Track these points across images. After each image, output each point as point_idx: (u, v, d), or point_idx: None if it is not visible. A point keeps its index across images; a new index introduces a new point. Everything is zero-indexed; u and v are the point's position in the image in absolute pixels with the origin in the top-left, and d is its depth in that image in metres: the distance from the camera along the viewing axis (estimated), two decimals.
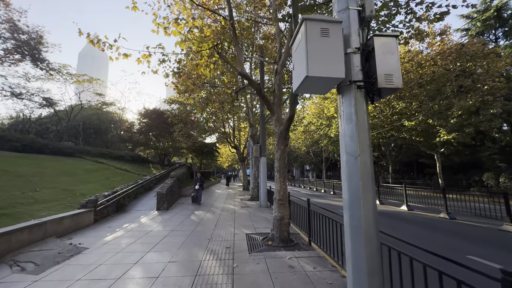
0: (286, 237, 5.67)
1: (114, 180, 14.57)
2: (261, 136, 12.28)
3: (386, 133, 22.80)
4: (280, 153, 5.92)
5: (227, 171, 74.03)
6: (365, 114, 2.53)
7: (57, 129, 38.68)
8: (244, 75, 5.67)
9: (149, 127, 26.12)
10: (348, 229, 2.47)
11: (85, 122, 37.44)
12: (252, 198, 14.54)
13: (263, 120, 12.35)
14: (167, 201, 11.21)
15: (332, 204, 13.00)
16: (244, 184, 23.54)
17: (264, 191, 11.98)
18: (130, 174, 18.03)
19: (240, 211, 10.69)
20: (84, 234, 6.55)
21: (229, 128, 25.34)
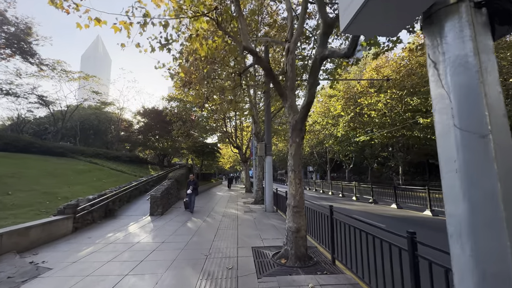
0: (304, 254, 4.48)
1: (107, 182, 13.46)
2: (266, 133, 11.10)
3: (396, 132, 21.54)
4: (295, 148, 4.74)
5: (229, 172, 72.85)
6: (492, 56, 1.35)
7: (55, 129, 37.89)
8: (250, 50, 4.54)
9: (148, 127, 25.05)
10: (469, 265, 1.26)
11: (83, 122, 36.54)
12: (256, 201, 13.35)
13: (268, 116, 11.19)
14: (162, 205, 10.05)
15: (347, 209, 11.76)
16: (247, 186, 22.35)
17: (269, 194, 10.79)
18: (126, 175, 16.92)
19: (243, 216, 9.50)
20: (55, 247, 5.40)
21: (231, 127, 24.21)
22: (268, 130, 11.15)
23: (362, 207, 12.43)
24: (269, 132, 11.18)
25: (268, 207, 10.70)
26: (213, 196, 18.45)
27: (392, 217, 9.68)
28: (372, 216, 9.83)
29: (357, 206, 12.79)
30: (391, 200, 13.25)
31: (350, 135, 27.12)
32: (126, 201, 11.62)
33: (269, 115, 11.26)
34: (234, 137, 22.77)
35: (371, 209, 11.95)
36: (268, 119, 11.17)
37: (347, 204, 13.72)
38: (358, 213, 10.45)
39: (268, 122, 11.19)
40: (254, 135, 13.11)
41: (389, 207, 12.44)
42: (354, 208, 11.93)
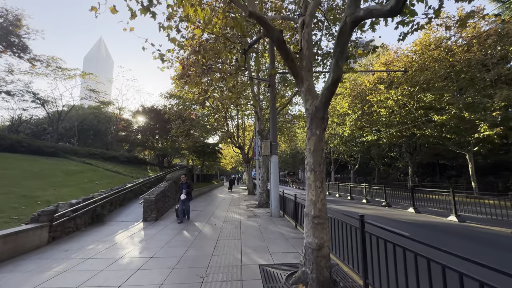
0: (327, 278, 3.47)
1: (99, 183, 12.52)
2: (272, 130, 10.11)
3: (406, 131, 20.48)
4: (314, 142, 3.75)
5: (231, 173, 71.85)
6: None
7: (54, 129, 37.19)
8: (257, 17, 3.57)
9: (147, 126, 24.14)
10: None
11: (82, 122, 35.79)
12: (260, 204, 12.34)
13: (273, 111, 10.20)
14: (157, 209, 9.07)
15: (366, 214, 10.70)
16: (249, 187, 21.33)
17: (275, 197, 9.78)
18: (121, 176, 15.99)
19: (247, 222, 8.49)
20: (18, 266, 4.42)
21: (233, 127, 23.25)
22: (273, 127, 10.16)
23: (376, 211, 11.38)
24: (274, 129, 10.19)
25: (274, 212, 9.70)
26: (214, 198, 17.46)
27: (413, 224, 8.63)
28: (390, 222, 8.78)
29: (370, 210, 11.74)
30: (407, 203, 12.18)
31: (356, 135, 26.06)
32: (119, 205, 10.65)
33: (274, 110, 10.27)
34: (236, 136, 21.80)
35: (386, 213, 10.89)
36: (273, 115, 10.18)
37: (359, 208, 12.67)
38: (374, 218, 9.41)
39: (274, 118, 10.19)
40: (258, 133, 12.12)
41: (406, 211, 11.38)
42: (368, 213, 10.88)
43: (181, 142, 24.85)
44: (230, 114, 22.30)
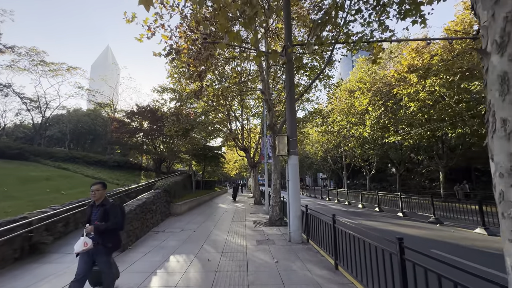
0: None
1: (67, 194, 9.89)
2: (289, 121, 7.35)
3: (439, 130, 17.46)
4: None
5: (235, 179, 68.97)
6: None
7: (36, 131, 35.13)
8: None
9: (142, 127, 21.65)
10: None
11: (77, 125, 33.72)
12: (272, 221, 9.47)
13: (292, 95, 7.44)
14: (127, 233, 6.31)
15: (414, 237, 7.76)
16: (256, 196, 18.48)
17: (296, 214, 6.93)
18: None
19: (256, 256, 5.65)
20: None
21: (237, 128, 20.55)
22: (292, 117, 7.39)
23: (428, 232, 8.37)
24: (293, 120, 7.42)
25: (295, 236, 6.83)
26: (214, 210, 14.64)
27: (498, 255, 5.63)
28: (472, 253, 5.80)
29: (417, 230, 8.74)
30: (470, 220, 9.17)
31: (375, 136, 23.06)
32: (82, 225, 7.93)
33: (292, 95, 7.51)
34: (240, 137, 19.11)
35: (448, 236, 7.87)
36: (291, 102, 7.43)
37: (399, 226, 9.66)
38: (437, 244, 6.45)
39: (292, 106, 7.43)
40: (268, 127, 9.34)
41: (470, 232, 8.36)
42: (418, 233, 7.90)
43: (180, 145, 22.29)
44: (234, 114, 19.69)
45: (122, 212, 3.61)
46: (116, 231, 3.49)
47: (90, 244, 3.14)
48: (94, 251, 3.23)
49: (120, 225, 3.51)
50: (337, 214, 12.11)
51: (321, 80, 10.35)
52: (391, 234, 8.00)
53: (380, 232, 8.16)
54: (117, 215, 3.40)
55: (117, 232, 3.53)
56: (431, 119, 17.55)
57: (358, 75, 21.29)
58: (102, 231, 3.24)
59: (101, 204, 3.38)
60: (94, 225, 3.22)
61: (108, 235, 3.32)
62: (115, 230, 3.45)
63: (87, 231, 3.17)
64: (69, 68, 20.77)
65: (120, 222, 3.48)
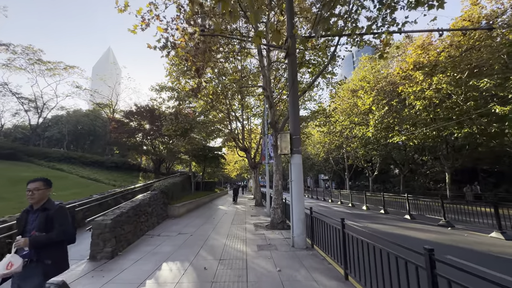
0: None
1: (60, 195, 9.46)
2: (292, 118, 6.89)
3: (445, 129, 16.95)
4: None
5: (236, 180, 68.47)
6: None
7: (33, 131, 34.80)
8: None
9: (140, 127, 21.24)
10: None
11: (76, 126, 33.40)
12: (273, 224, 8.99)
13: (295, 90, 6.99)
14: (117, 238, 5.84)
15: (425, 241, 7.26)
16: (257, 198, 17.99)
17: (300, 217, 6.45)
18: (99, 185, 12.97)
19: (257, 264, 5.18)
20: None
21: (238, 128, 20.12)
22: (295, 114, 6.94)
23: (444, 236, 7.86)
24: (296, 117, 6.96)
25: (298, 241, 6.35)
26: (213, 212, 14.16)
27: None
28: (488, 259, 5.30)
29: (427, 233, 8.23)
30: (483, 223, 8.65)
31: (379, 136, 22.56)
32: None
33: (296, 90, 7.05)
34: (241, 137, 18.67)
35: (461, 240, 7.37)
36: (294, 98, 6.97)
37: (407, 229, 9.14)
38: (448, 248, 5.94)
39: (295, 102, 6.97)
40: (270, 125, 8.88)
41: (485, 236, 7.84)
42: (429, 237, 7.38)
43: (179, 146, 21.88)
44: (234, 114, 19.24)
45: (72, 219, 2.63)
46: (63, 244, 2.52)
47: (18, 265, 2.15)
48: (23, 273, 2.23)
49: (69, 235, 2.50)
50: (340, 216, 11.59)
51: (324, 77, 9.91)
52: (401, 239, 7.51)
53: (389, 236, 7.66)
54: (65, 222, 2.46)
55: (64, 247, 2.54)
56: (437, 118, 17.05)
57: (362, 73, 20.83)
58: (43, 244, 2.32)
59: (41, 209, 2.46)
60: (29, 237, 2.30)
61: (50, 249, 2.39)
62: (62, 243, 2.49)
63: (18, 245, 2.25)
64: (67, 67, 20.41)
65: (70, 232, 2.49)
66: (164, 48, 7.45)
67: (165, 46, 7.41)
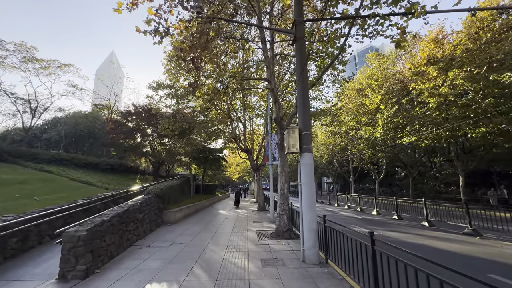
0: None
1: (43, 200, 8.57)
2: (302, 110, 5.96)
3: (461, 128, 15.94)
4: None
5: (237, 183, 67.44)
6: None
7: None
8: None
9: (138, 128, 20.42)
10: None
11: (76, 128, 32.74)
12: (279, 233, 8.01)
13: (304, 80, 6.08)
14: (94, 253, 4.90)
15: (458, 254, 6.26)
16: (260, 202, 17.01)
17: (311, 226, 5.49)
18: (91, 188, 12.08)
19: (262, 285, 4.21)
20: None
21: (239, 129, 19.20)
22: (305, 105, 6.01)
23: (475, 248, 6.82)
24: (306, 109, 6.03)
25: (310, 255, 5.38)
26: (213, 218, 13.20)
27: None
28: None
29: (454, 244, 7.20)
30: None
31: (387, 137, 21.55)
32: (50, 238, 6.51)
33: (305, 80, 6.14)
34: (242, 138, 17.75)
35: (497, 253, 6.35)
36: (304, 87, 6.05)
37: (433, 239, 8.11)
38: (497, 267, 4.94)
39: (305, 93, 6.05)
40: (275, 121, 7.95)
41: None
42: (469, 252, 6.36)
43: (178, 147, 21.04)
44: (236, 114, 18.35)
45: None
46: None
47: None
48: None
49: None
50: (351, 223, 10.49)
51: (334, 68, 9.00)
52: (427, 251, 6.51)
53: (412, 247, 6.67)
54: None
55: None
56: (451, 117, 16.03)
57: (369, 71, 19.90)
58: None
59: None
60: None
61: None
62: None
63: None
64: (61, 65, 19.71)
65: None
66: (156, 33, 6.58)
67: (156, 30, 6.54)
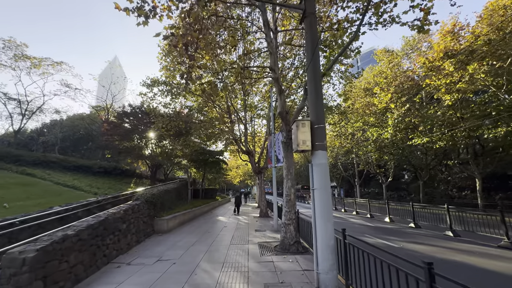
0: None
1: (14, 207, 7.51)
2: (314, 100, 4.86)
3: (476, 129, 14.82)
4: None
5: (239, 187, 66.12)
6: None
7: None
8: None
9: (133, 128, 19.45)
10: None
11: (72, 129, 31.96)
12: (284, 246, 6.85)
13: (315, 62, 5.00)
14: (50, 278, 3.79)
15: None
16: (262, 207, 15.83)
17: (328, 243, 4.33)
18: (78, 193, 11.02)
19: None
20: None
21: (239, 127, 18.16)
22: (317, 94, 4.92)
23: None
24: (319, 97, 4.94)
25: (326, 280, 4.21)
26: (210, 226, 12.04)
27: None
28: None
29: (504, 262, 6.00)
30: None
31: (395, 138, 20.38)
32: None
33: (316, 62, 5.06)
34: (243, 139, 16.68)
35: None
36: (315, 71, 4.97)
37: (465, 253, 6.90)
38: None
39: (316, 77, 4.97)
40: (279, 116, 6.84)
41: None
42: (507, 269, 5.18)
43: (176, 149, 20.00)
44: (237, 114, 17.29)
45: None
46: None
47: None
48: None
49: None
50: (363, 232, 9.19)
51: (347, 56, 7.93)
52: (464, 269, 5.31)
53: (443, 264, 5.49)
54: None
55: None
56: (468, 116, 14.87)
57: (377, 68, 18.83)
58: None
59: None
60: None
61: None
62: None
63: None
64: (53, 63, 18.86)
65: None
66: (139, 11, 5.57)
67: (139, 8, 5.53)
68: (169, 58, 12.05)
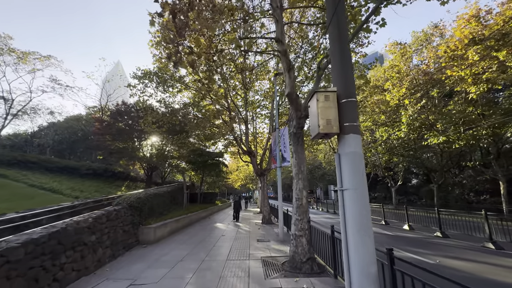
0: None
1: None
2: (338, 62, 3.47)
3: (502, 127, 13.40)
4: None
5: (240, 191, 64.40)
6: None
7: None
8: None
9: (127, 127, 18.15)
10: None
11: (67, 130, 30.83)
12: (296, 264, 5.37)
13: (340, 16, 3.62)
14: None
15: None
16: (265, 213, 14.33)
17: (368, 270, 2.87)
18: (55, 196, 9.65)
19: None
20: None
21: (240, 131, 16.76)
22: (345, 56, 3.52)
23: None
24: (347, 61, 3.54)
25: None
26: (206, 234, 10.54)
27: None
28: None
29: None
30: None
31: (407, 138, 18.93)
32: None
33: (341, 16, 3.68)
34: (245, 139, 15.27)
35: None
36: (341, 28, 3.59)
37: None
38: None
39: (343, 32, 3.59)
40: (288, 98, 5.43)
41: None
42: None
43: (172, 150, 18.67)
44: (238, 110, 15.93)
45: None
46: None
47: None
48: None
49: None
50: (382, 242, 7.54)
51: (368, 30, 6.63)
52: None
53: None
54: None
55: None
56: (493, 111, 13.44)
57: (389, 62, 17.49)
58: None
59: None
60: None
61: None
62: None
63: None
64: (41, 57, 17.67)
65: None
66: None
67: None
68: (159, 46, 10.78)
